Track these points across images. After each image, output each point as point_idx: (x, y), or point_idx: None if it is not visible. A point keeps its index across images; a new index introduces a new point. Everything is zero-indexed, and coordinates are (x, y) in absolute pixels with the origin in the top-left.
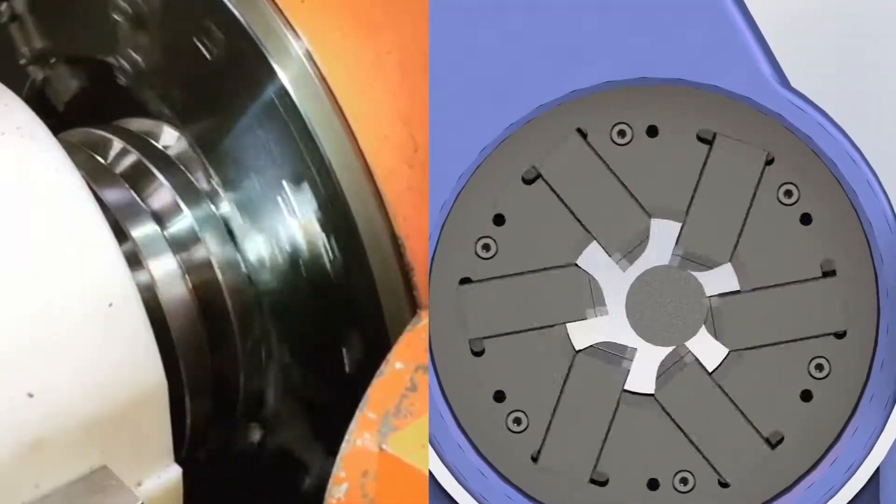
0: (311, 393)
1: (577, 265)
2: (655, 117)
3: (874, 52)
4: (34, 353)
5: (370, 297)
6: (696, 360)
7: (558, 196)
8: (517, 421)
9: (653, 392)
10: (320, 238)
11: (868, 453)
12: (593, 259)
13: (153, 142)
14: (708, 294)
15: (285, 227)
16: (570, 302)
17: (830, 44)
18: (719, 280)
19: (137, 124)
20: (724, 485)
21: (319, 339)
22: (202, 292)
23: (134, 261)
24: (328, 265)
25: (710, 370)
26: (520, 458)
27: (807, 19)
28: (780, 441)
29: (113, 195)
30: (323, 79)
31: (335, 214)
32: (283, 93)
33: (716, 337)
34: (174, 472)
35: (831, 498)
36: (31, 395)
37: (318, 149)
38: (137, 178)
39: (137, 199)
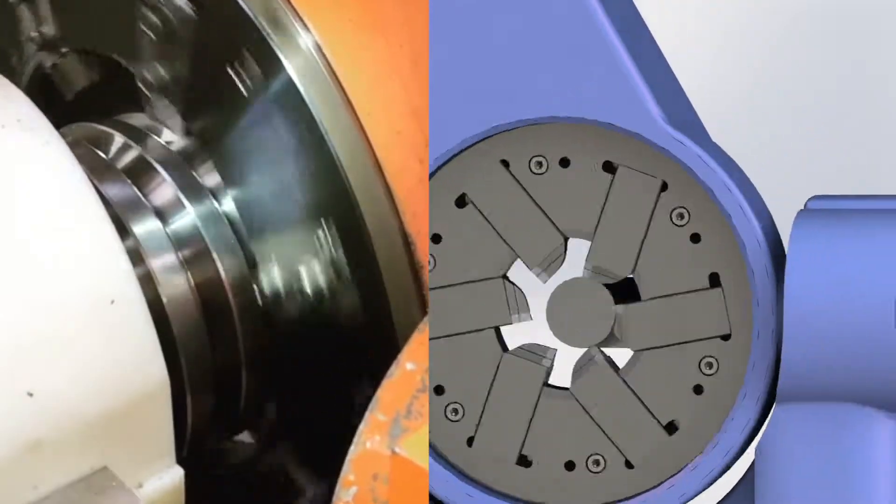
0: (313, 391)
1: (505, 277)
2: (567, 150)
3: (874, 52)
4: (34, 352)
5: (379, 296)
6: (605, 358)
7: (486, 218)
8: (455, 411)
9: (569, 386)
10: (328, 237)
11: (744, 440)
12: (519, 273)
13: (155, 137)
14: (614, 303)
15: (290, 223)
16: (498, 309)
17: (830, 44)
18: (623, 290)
19: (139, 119)
20: (629, 465)
21: (322, 339)
22: (204, 289)
23: (135, 257)
24: (335, 265)
25: (618, 367)
26: (458, 442)
27: (806, 19)
28: (676, 429)
29: (114, 191)
30: (332, 73)
31: (343, 212)
32: (291, 87)
33: (621, 339)
34: (176, 474)
35: (713, 478)
36: (30, 395)
37: (327, 144)
38: (139, 174)
39: (139, 194)
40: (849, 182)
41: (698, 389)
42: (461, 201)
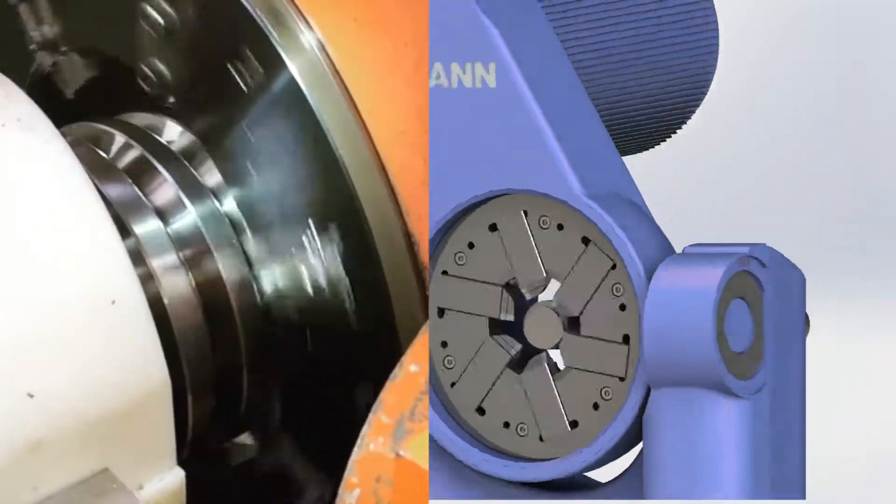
0: (315, 393)
1: (506, 285)
2: (538, 214)
3: (874, 52)
4: (34, 352)
5: (381, 297)
6: (548, 360)
7: (504, 246)
8: (449, 362)
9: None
10: (330, 237)
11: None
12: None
13: (156, 136)
14: (563, 328)
15: (292, 223)
16: (492, 305)
17: (830, 44)
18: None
19: (140, 118)
20: (541, 439)
21: (324, 340)
22: (205, 290)
23: (136, 257)
24: (338, 265)
25: (557, 370)
26: (445, 384)
27: (806, 19)
28: (577, 425)
29: (115, 190)
30: (335, 71)
31: (345, 212)
32: (293, 85)
33: (561, 353)
34: (177, 475)
35: (606, 451)
36: (30, 396)
37: (329, 144)
38: (140, 173)
39: (140, 194)
40: (848, 182)
41: (595, 406)
42: (493, 227)
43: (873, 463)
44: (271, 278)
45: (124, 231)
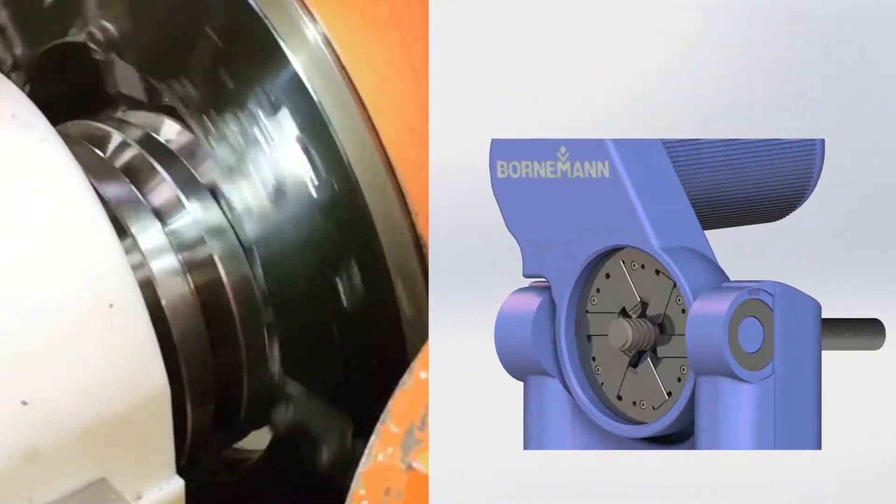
0: (319, 401)
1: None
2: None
3: (874, 52)
4: (29, 358)
5: (388, 300)
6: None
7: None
8: (597, 369)
9: None
10: (334, 238)
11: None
12: None
13: (154, 135)
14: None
15: (295, 223)
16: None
17: (830, 44)
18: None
19: (138, 117)
20: (653, 408)
21: (327, 344)
22: (205, 292)
23: (134, 259)
24: (342, 267)
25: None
26: (595, 383)
27: (806, 19)
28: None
29: (112, 190)
30: (341, 66)
31: (351, 212)
32: (296, 81)
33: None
34: (176, 485)
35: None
36: (24, 403)
37: (334, 142)
38: (138, 173)
39: (138, 194)
40: (848, 182)
41: (679, 380)
42: (608, 275)
43: None
44: (273, 280)
45: (122, 232)
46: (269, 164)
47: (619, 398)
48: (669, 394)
